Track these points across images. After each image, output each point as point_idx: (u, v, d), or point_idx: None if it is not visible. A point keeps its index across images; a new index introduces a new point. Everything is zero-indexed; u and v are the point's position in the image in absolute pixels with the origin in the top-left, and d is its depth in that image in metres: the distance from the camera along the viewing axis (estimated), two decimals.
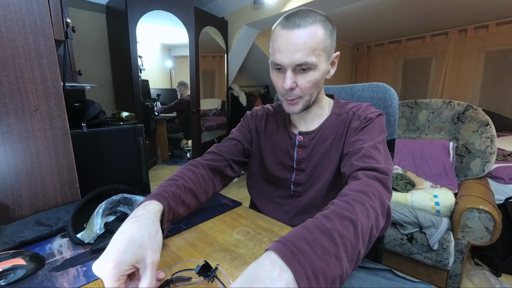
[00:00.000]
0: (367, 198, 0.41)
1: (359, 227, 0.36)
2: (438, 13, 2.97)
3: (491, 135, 1.50)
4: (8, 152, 0.61)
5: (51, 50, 0.63)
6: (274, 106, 0.79)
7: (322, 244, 0.32)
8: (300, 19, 0.53)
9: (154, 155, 2.98)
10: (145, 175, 1.16)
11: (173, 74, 3.33)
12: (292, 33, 0.52)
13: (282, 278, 0.28)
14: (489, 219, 1.19)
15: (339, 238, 0.33)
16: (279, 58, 0.55)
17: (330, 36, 0.56)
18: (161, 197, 0.48)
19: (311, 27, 0.52)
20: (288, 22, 0.53)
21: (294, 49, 0.53)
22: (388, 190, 0.46)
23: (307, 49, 0.52)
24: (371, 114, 0.60)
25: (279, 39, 0.54)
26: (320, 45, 0.53)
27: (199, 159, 0.68)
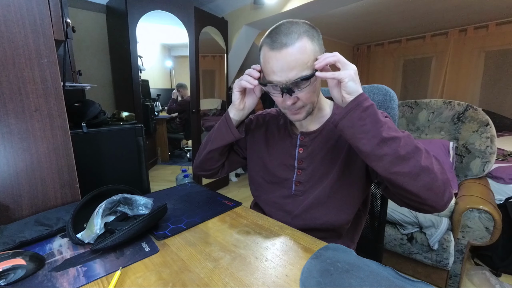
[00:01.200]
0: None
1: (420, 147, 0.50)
2: (438, 13, 2.97)
3: (491, 135, 1.50)
4: (8, 152, 0.61)
5: (51, 50, 0.63)
6: (278, 110, 0.79)
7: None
8: (286, 37, 0.53)
9: (154, 155, 2.98)
10: (145, 175, 1.16)
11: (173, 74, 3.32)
12: (281, 54, 0.53)
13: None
14: (489, 219, 1.19)
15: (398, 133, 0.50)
16: (274, 78, 0.56)
17: (318, 43, 0.56)
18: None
19: (298, 42, 0.53)
20: (274, 43, 0.54)
21: (287, 68, 0.53)
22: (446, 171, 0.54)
23: (299, 65, 0.53)
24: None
25: (270, 61, 0.55)
26: (311, 57, 0.54)
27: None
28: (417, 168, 0.48)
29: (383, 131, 0.48)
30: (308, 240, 0.53)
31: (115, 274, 0.42)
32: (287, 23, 0.55)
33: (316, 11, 2.19)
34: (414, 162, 0.48)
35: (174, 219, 0.62)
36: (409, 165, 0.48)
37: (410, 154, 0.48)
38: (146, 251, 0.50)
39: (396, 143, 0.48)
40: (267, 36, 0.56)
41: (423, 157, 0.49)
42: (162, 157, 3.05)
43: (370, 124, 0.49)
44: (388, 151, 0.48)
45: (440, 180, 0.49)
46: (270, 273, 0.43)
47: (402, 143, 0.48)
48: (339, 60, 0.51)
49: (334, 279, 0.40)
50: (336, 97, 0.54)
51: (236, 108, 0.67)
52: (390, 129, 0.49)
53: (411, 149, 0.48)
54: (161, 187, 0.85)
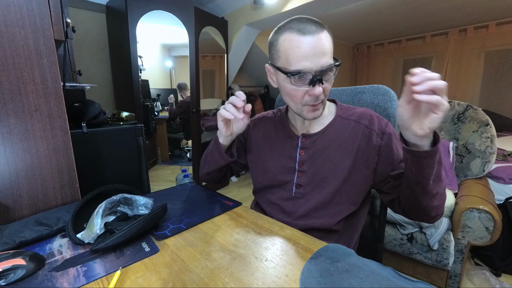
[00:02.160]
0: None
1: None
2: (438, 13, 2.97)
3: (491, 135, 1.50)
4: (8, 152, 0.61)
5: (51, 50, 0.63)
6: (274, 111, 0.79)
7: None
8: (313, 25, 0.53)
9: (154, 155, 2.98)
10: (145, 175, 1.16)
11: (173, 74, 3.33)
12: (314, 38, 0.52)
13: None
14: (489, 219, 1.19)
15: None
16: (304, 65, 0.53)
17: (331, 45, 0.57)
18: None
19: (323, 31, 0.54)
20: (304, 29, 0.53)
21: (320, 53, 0.53)
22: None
23: (329, 51, 0.54)
24: (387, 128, 0.62)
25: (302, 46, 0.52)
26: (332, 48, 0.55)
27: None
28: (442, 200, 0.56)
29: (438, 177, 0.52)
30: (308, 240, 0.53)
31: (115, 274, 0.42)
32: (306, 17, 0.56)
33: (316, 11, 2.19)
34: (443, 195, 0.56)
35: (174, 219, 0.62)
36: (439, 199, 0.55)
37: (443, 188, 0.55)
38: (146, 251, 0.50)
39: (440, 184, 0.53)
40: (288, 25, 0.55)
41: (443, 192, 0.56)
42: (162, 157, 3.05)
43: (435, 167, 0.50)
44: (439, 189, 0.54)
45: (444, 198, 0.57)
46: (270, 273, 0.43)
47: (442, 183, 0.54)
48: (443, 87, 0.42)
49: (334, 279, 0.40)
50: (407, 123, 0.47)
51: (223, 135, 0.66)
52: (440, 174, 0.52)
53: (443, 187, 0.55)
54: (161, 187, 0.85)
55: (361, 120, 0.64)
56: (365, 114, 0.65)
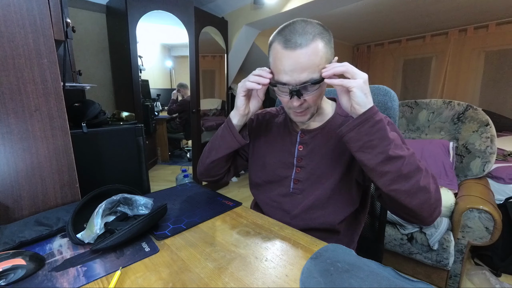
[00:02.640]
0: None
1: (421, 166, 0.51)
2: (438, 13, 2.97)
3: (491, 135, 1.50)
4: (8, 152, 0.61)
5: (51, 50, 0.63)
6: (277, 108, 0.80)
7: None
8: (301, 38, 0.52)
9: (154, 155, 2.98)
10: (145, 175, 1.16)
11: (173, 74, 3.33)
12: (295, 54, 0.52)
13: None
14: (489, 219, 1.19)
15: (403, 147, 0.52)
16: (284, 78, 0.54)
17: (330, 47, 0.56)
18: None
19: (313, 44, 0.52)
20: (289, 42, 0.52)
21: (299, 68, 0.52)
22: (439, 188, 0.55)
23: (311, 67, 0.52)
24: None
25: (283, 60, 0.53)
26: (323, 59, 0.53)
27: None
28: (415, 187, 0.50)
29: (390, 149, 0.49)
30: (308, 240, 0.53)
31: (115, 274, 0.42)
32: (302, 22, 0.54)
33: (316, 11, 2.19)
34: (414, 181, 0.49)
35: (174, 219, 0.62)
36: (409, 183, 0.49)
37: (412, 173, 0.49)
38: (146, 251, 0.50)
39: (400, 161, 0.49)
40: (280, 33, 0.55)
41: (423, 176, 0.50)
42: (162, 157, 3.05)
43: (378, 140, 0.49)
44: (391, 169, 0.49)
45: (434, 199, 0.51)
46: (270, 273, 0.43)
47: (406, 162, 0.49)
48: (347, 70, 0.50)
49: (334, 279, 0.40)
50: (344, 106, 0.54)
51: (240, 114, 0.65)
52: (396, 147, 0.50)
53: (414, 168, 0.50)
54: (161, 187, 0.85)
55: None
56: None
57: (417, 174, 0.50)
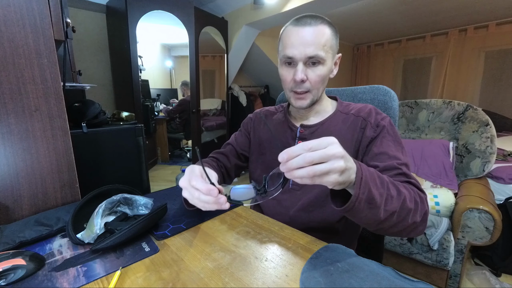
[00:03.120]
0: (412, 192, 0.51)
1: (402, 196, 0.47)
2: (438, 13, 2.97)
3: (491, 135, 1.50)
4: (8, 152, 0.61)
5: (51, 50, 0.63)
6: (276, 107, 0.80)
7: (378, 182, 0.44)
8: (311, 19, 0.59)
9: (154, 155, 2.98)
10: (145, 175, 1.16)
11: (173, 74, 3.33)
12: (304, 29, 0.58)
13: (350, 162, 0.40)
14: (489, 219, 1.19)
15: (387, 190, 0.46)
16: (291, 52, 0.59)
17: (335, 38, 0.61)
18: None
19: (321, 25, 0.58)
20: (299, 21, 0.59)
21: (306, 42, 0.57)
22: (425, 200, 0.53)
23: (317, 43, 0.57)
24: (382, 121, 0.62)
25: (292, 34, 0.59)
26: (328, 42, 0.59)
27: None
28: (405, 226, 0.49)
29: (381, 213, 0.44)
30: (308, 240, 0.53)
31: (115, 274, 0.42)
32: (313, 14, 0.60)
33: (316, 11, 2.19)
34: (404, 223, 0.48)
35: (174, 219, 0.62)
36: (398, 227, 0.49)
37: (402, 219, 0.48)
38: (146, 251, 0.50)
39: (392, 217, 0.46)
40: (294, 19, 0.61)
41: (412, 215, 0.48)
42: (162, 157, 3.05)
43: (368, 215, 0.44)
44: (384, 226, 0.48)
45: (421, 226, 0.51)
46: (270, 273, 0.43)
47: (396, 214, 0.46)
48: (315, 170, 0.36)
49: (334, 279, 0.40)
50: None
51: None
52: (387, 204, 0.45)
53: (405, 214, 0.47)
54: (161, 187, 0.85)
55: (360, 113, 0.65)
56: (364, 108, 0.66)
57: (407, 216, 0.48)
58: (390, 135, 0.61)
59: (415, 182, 0.54)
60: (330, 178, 0.38)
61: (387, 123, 0.62)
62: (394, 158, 0.57)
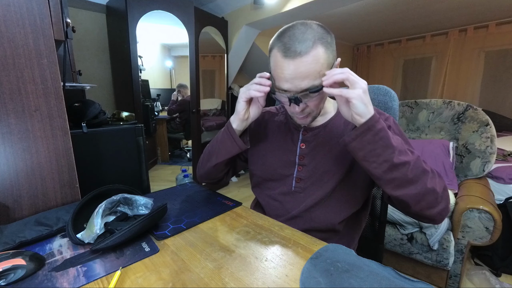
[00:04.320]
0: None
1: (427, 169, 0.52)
2: (438, 13, 2.97)
3: (491, 135, 1.50)
4: (8, 152, 0.61)
5: (51, 50, 0.63)
6: (277, 107, 0.80)
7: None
8: (301, 45, 0.50)
9: (154, 155, 2.98)
10: (145, 175, 1.16)
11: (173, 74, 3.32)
12: (295, 62, 0.51)
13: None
14: (489, 219, 1.19)
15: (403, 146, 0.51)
16: (285, 85, 0.54)
17: (331, 50, 0.54)
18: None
19: (313, 51, 0.51)
20: (288, 50, 0.51)
21: (300, 77, 0.52)
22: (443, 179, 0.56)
23: (312, 74, 0.52)
24: (386, 121, 0.61)
25: (283, 68, 0.53)
26: (324, 66, 0.52)
27: None
28: (423, 190, 0.50)
29: (394, 157, 0.49)
30: (308, 240, 0.53)
31: (115, 274, 0.42)
32: (302, 27, 0.53)
33: (316, 11, 2.19)
34: (422, 185, 0.50)
35: (174, 219, 0.62)
36: (416, 187, 0.50)
37: (418, 177, 0.50)
38: (146, 251, 0.50)
39: (406, 167, 0.49)
40: (279, 39, 0.54)
41: (429, 178, 0.51)
42: (162, 157, 3.05)
43: (381, 148, 0.49)
44: (398, 175, 0.50)
45: (442, 198, 0.52)
46: (270, 273, 0.43)
47: (411, 167, 0.50)
48: (347, 78, 0.48)
49: (334, 279, 0.40)
50: (345, 115, 0.53)
51: (240, 119, 0.64)
52: (401, 153, 0.50)
53: (420, 172, 0.50)
54: (161, 187, 0.85)
55: None
56: None
57: (424, 177, 0.50)
58: (396, 134, 0.59)
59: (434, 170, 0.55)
60: (356, 90, 0.47)
61: (391, 123, 0.61)
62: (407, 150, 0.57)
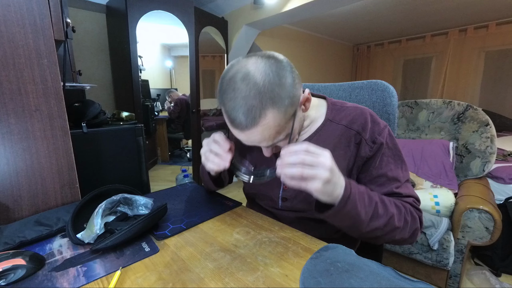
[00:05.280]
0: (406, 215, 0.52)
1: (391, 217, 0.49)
2: (438, 13, 2.97)
3: (491, 135, 1.50)
4: (8, 152, 0.61)
5: (51, 50, 0.63)
6: None
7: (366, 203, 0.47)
8: (245, 117, 0.43)
9: (154, 155, 2.98)
10: (145, 175, 1.16)
11: (173, 74, 3.33)
12: (245, 133, 0.46)
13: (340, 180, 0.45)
14: (489, 219, 1.19)
15: (375, 208, 0.48)
16: (248, 143, 0.50)
17: (285, 103, 0.44)
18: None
19: (262, 120, 0.43)
20: (234, 122, 0.45)
21: (256, 142, 0.49)
22: (419, 218, 0.55)
23: (268, 138, 0.47)
24: (380, 136, 0.55)
25: (236, 134, 0.48)
26: (282, 125, 0.46)
27: None
28: (390, 240, 0.52)
29: (364, 227, 0.48)
30: (308, 240, 0.53)
31: (115, 274, 0.42)
32: (243, 86, 0.43)
33: (316, 11, 2.19)
34: (390, 238, 0.52)
35: (174, 219, 0.62)
36: (384, 239, 0.52)
37: (387, 234, 0.51)
38: (146, 251, 0.50)
39: (375, 232, 0.50)
40: (222, 100, 0.46)
41: (398, 232, 0.51)
42: (162, 157, 3.05)
43: (350, 222, 0.48)
44: (366, 236, 0.51)
45: (409, 239, 0.53)
46: (270, 273, 0.43)
47: (381, 230, 0.50)
48: (302, 174, 0.41)
49: (334, 279, 0.40)
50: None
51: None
52: (372, 220, 0.48)
53: (389, 230, 0.50)
54: (161, 187, 0.85)
55: (353, 126, 0.57)
56: (359, 118, 0.57)
57: (393, 233, 0.51)
58: (389, 149, 0.56)
59: (413, 201, 0.55)
60: (314, 184, 0.42)
61: (385, 137, 0.55)
62: (394, 180, 0.55)
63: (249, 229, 0.58)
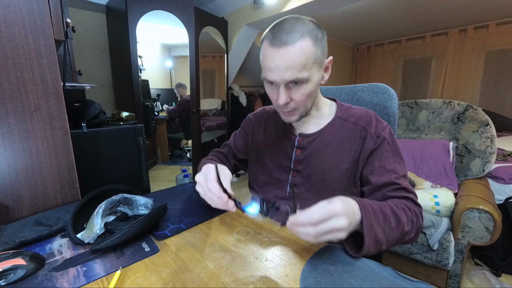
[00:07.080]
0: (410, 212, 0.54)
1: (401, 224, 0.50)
2: (438, 13, 2.97)
3: (491, 135, 1.50)
4: (8, 152, 0.61)
5: (51, 50, 0.63)
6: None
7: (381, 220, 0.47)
8: (288, 35, 0.50)
9: (154, 155, 2.98)
10: (145, 175, 1.16)
11: (173, 74, 3.33)
12: (280, 52, 0.51)
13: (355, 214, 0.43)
14: (489, 219, 1.19)
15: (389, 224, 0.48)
16: (270, 76, 0.54)
17: (321, 45, 0.54)
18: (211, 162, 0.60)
19: (300, 42, 0.50)
20: (275, 39, 0.51)
21: (284, 67, 0.52)
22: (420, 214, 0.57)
23: (297, 66, 0.51)
24: (383, 132, 0.60)
25: (268, 57, 0.53)
26: (310, 59, 0.52)
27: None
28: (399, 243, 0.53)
29: (384, 246, 0.48)
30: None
31: (115, 274, 0.42)
32: (292, 20, 0.53)
33: (316, 11, 2.19)
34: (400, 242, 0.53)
35: (174, 219, 0.62)
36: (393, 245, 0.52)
37: (398, 241, 0.51)
38: (146, 251, 0.50)
39: (391, 243, 0.50)
40: (270, 30, 0.54)
41: (407, 235, 0.52)
42: (162, 157, 3.06)
43: (374, 249, 0.47)
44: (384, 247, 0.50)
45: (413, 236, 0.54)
46: (270, 273, 0.43)
47: (396, 238, 0.50)
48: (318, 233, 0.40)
49: (334, 279, 0.40)
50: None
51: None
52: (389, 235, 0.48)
53: (400, 237, 0.51)
54: (161, 187, 0.85)
55: (360, 122, 0.62)
56: (364, 116, 0.63)
57: (404, 237, 0.52)
58: (390, 146, 0.60)
59: (412, 196, 0.56)
60: (333, 238, 0.41)
61: (387, 134, 0.60)
62: (392, 172, 0.57)
63: (249, 229, 0.58)
